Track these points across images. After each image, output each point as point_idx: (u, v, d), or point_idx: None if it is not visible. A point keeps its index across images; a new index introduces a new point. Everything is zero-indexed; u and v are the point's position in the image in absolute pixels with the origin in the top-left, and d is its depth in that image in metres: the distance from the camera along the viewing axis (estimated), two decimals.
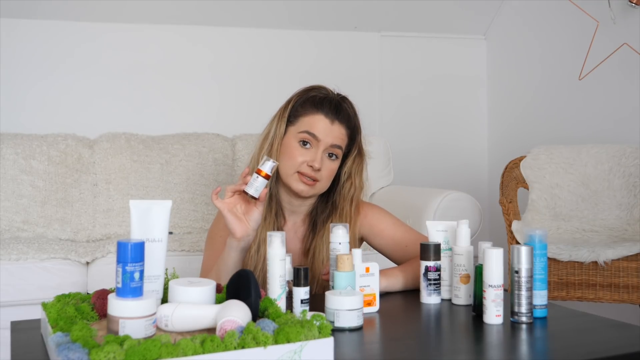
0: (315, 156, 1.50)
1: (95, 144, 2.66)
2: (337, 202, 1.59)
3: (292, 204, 1.59)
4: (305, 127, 1.52)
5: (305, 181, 1.50)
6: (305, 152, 1.51)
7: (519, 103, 3.34)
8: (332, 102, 1.54)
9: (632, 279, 2.12)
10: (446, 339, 1.20)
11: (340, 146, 1.54)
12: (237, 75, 3.13)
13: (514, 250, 1.22)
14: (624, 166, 2.44)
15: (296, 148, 1.52)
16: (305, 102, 1.55)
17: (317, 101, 1.54)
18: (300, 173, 1.50)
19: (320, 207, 1.61)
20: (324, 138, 1.51)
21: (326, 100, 1.54)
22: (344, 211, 1.58)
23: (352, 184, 1.59)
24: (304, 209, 1.61)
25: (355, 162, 1.59)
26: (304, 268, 1.24)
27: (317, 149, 1.51)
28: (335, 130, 1.52)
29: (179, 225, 2.58)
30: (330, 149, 1.52)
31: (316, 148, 1.51)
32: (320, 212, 1.60)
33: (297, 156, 1.51)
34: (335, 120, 1.53)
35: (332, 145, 1.52)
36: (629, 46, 2.71)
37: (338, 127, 1.53)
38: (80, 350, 0.89)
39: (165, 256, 1.15)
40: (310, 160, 1.50)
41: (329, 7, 3.15)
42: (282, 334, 0.93)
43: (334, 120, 1.53)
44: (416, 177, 3.35)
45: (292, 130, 1.54)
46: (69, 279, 2.12)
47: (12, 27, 2.82)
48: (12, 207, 2.45)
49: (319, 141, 1.51)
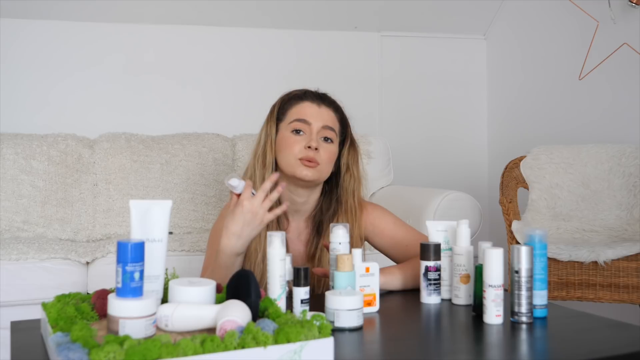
0: (311, 138, 1.53)
1: (95, 144, 2.66)
2: (341, 197, 1.60)
3: (295, 202, 1.59)
4: (295, 116, 1.56)
5: (307, 164, 1.51)
6: (301, 139, 1.54)
7: (519, 103, 3.34)
8: (314, 93, 1.61)
9: (632, 279, 2.12)
10: (446, 339, 1.20)
11: (333, 128, 1.57)
12: (237, 76, 3.13)
13: (514, 250, 1.22)
14: (624, 166, 2.44)
15: (291, 137, 1.54)
16: (290, 100, 1.60)
17: (300, 95, 1.60)
18: (302, 159, 1.52)
19: (325, 206, 1.61)
20: (315, 121, 1.55)
21: (308, 92, 1.61)
22: (348, 204, 1.59)
23: (352, 176, 1.61)
24: (307, 207, 1.61)
25: (350, 153, 1.62)
26: (304, 268, 1.24)
27: (311, 133, 1.54)
28: (323, 113, 1.57)
29: (179, 225, 2.58)
30: (323, 131, 1.55)
31: (310, 132, 1.54)
32: (326, 210, 1.60)
33: (293, 144, 1.53)
34: (322, 104, 1.58)
35: (324, 127, 1.55)
36: (629, 46, 2.71)
37: (326, 109, 1.58)
38: (80, 350, 0.89)
39: (165, 256, 1.15)
40: (307, 143, 1.52)
41: (329, 7, 3.15)
42: (282, 334, 0.93)
43: (320, 104, 1.58)
44: (416, 177, 3.35)
45: (283, 126, 1.58)
46: (69, 279, 2.11)
47: (12, 27, 2.82)
48: (12, 207, 2.45)
49: (310, 124, 1.54)
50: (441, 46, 3.48)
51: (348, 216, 1.58)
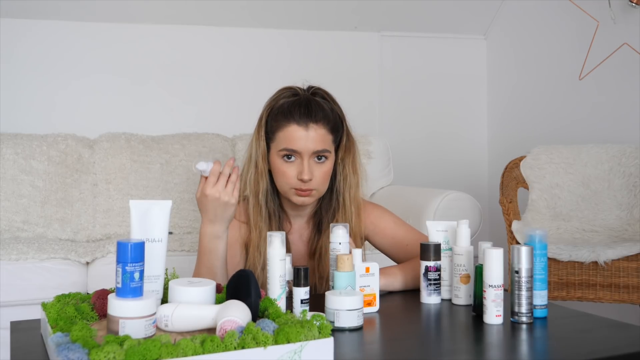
0: (302, 168, 1.48)
1: (95, 144, 2.66)
2: (339, 196, 1.58)
3: (296, 209, 1.60)
4: (283, 144, 1.49)
5: (301, 194, 1.50)
6: (292, 167, 1.49)
7: (519, 103, 3.34)
8: (301, 105, 1.49)
9: (632, 279, 2.12)
10: (446, 339, 1.20)
11: (324, 148, 1.50)
12: (237, 75, 3.13)
13: (514, 250, 1.22)
14: (624, 166, 2.44)
15: (282, 164, 1.50)
16: (277, 115, 1.51)
17: (286, 110, 1.50)
18: (295, 189, 1.49)
19: (324, 206, 1.60)
20: (304, 149, 1.48)
21: (295, 106, 1.49)
22: (345, 203, 1.58)
23: (349, 173, 1.58)
24: (308, 211, 1.62)
25: (346, 149, 1.57)
26: (304, 268, 1.24)
27: (301, 160, 1.48)
28: (311, 135, 1.48)
29: (179, 225, 2.58)
30: (315, 154, 1.49)
31: (300, 159, 1.49)
32: (325, 211, 1.60)
33: (286, 173, 1.49)
34: (310, 123, 1.48)
35: (315, 152, 1.49)
36: (629, 46, 2.71)
37: (314, 129, 1.48)
38: (80, 350, 0.88)
39: (165, 256, 1.15)
40: (298, 174, 1.48)
41: (329, 7, 3.15)
42: (282, 334, 0.93)
43: (308, 124, 1.47)
44: (416, 177, 3.35)
45: (273, 148, 1.52)
46: (69, 279, 2.12)
47: (12, 27, 2.82)
48: (12, 207, 2.45)
49: (300, 153, 1.48)
50: (441, 46, 3.48)
51: (347, 215, 1.57)
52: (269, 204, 1.56)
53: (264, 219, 1.54)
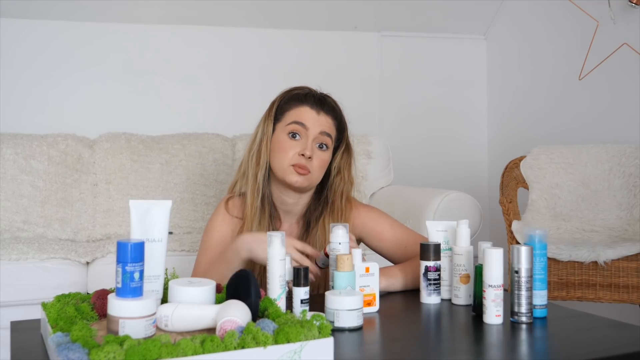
0: (306, 145, 1.53)
1: (95, 144, 2.66)
2: (328, 197, 1.62)
3: (286, 202, 1.60)
4: (293, 118, 1.56)
5: (298, 171, 1.52)
6: (296, 144, 1.54)
7: (519, 103, 3.34)
8: (315, 96, 1.60)
9: (632, 279, 2.12)
10: (446, 339, 1.20)
11: (330, 134, 1.57)
12: (237, 76, 3.13)
13: (514, 250, 1.22)
14: (624, 166, 2.44)
15: (286, 141, 1.54)
16: (290, 100, 1.59)
17: (301, 96, 1.59)
18: (294, 165, 1.52)
19: (313, 205, 1.63)
20: (312, 126, 1.54)
21: (309, 95, 1.59)
22: (335, 205, 1.61)
23: (342, 179, 1.62)
24: (298, 209, 1.62)
25: (343, 157, 1.63)
26: (304, 268, 1.24)
27: (306, 139, 1.54)
28: (322, 119, 1.56)
29: (179, 225, 2.58)
30: (320, 137, 1.55)
31: (306, 138, 1.54)
32: (313, 210, 1.62)
33: (288, 149, 1.53)
34: (321, 111, 1.57)
35: (322, 133, 1.55)
36: (629, 46, 2.71)
37: (324, 116, 1.57)
38: (80, 350, 0.89)
39: (165, 256, 1.15)
40: (301, 150, 1.52)
41: (329, 7, 3.15)
42: (282, 334, 0.93)
43: (320, 111, 1.57)
44: (416, 177, 3.35)
45: (280, 127, 1.57)
46: (69, 279, 2.12)
47: (12, 27, 2.82)
48: (12, 207, 2.45)
49: (307, 129, 1.54)
50: (441, 46, 3.48)
51: (334, 216, 1.60)
52: (264, 199, 1.59)
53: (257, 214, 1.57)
